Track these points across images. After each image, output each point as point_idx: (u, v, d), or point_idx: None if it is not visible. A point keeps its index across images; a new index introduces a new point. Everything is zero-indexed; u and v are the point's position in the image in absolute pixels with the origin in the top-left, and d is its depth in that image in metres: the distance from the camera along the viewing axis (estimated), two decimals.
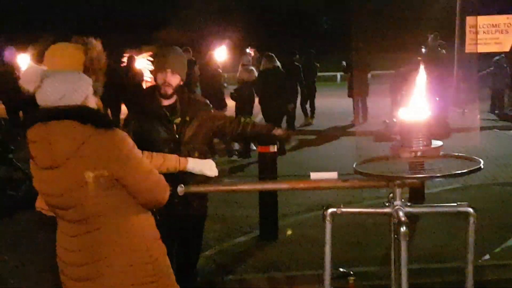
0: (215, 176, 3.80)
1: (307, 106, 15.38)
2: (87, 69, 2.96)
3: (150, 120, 3.95)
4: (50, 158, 2.69)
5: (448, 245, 5.72)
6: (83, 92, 2.77)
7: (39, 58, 3.40)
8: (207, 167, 3.67)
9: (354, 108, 14.68)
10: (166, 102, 3.99)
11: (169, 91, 3.92)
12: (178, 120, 3.96)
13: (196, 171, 3.62)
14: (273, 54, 11.54)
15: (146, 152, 3.28)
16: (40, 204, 3.43)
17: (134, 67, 14.46)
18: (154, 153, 3.41)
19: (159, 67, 3.97)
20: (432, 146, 3.20)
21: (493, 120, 14.41)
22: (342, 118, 15.44)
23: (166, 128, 3.94)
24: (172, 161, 3.49)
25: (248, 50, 13.27)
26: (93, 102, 2.83)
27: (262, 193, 6.18)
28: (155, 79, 4.01)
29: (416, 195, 6.96)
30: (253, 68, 11.86)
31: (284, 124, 13.55)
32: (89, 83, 2.81)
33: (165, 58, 3.98)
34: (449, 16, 20.15)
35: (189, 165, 3.58)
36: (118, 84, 13.05)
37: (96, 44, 3.10)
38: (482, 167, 3.20)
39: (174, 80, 3.93)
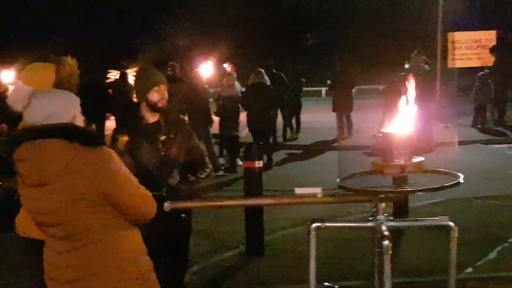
0: (202, 192, 3.86)
1: (293, 121, 15.49)
2: (57, 88, 2.99)
3: (137, 138, 4.01)
4: (38, 176, 2.72)
5: (432, 258, 5.78)
6: (72, 111, 2.82)
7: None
8: None
9: (338, 123, 14.78)
10: (151, 120, 4.06)
11: (166, 104, 4.08)
12: (163, 137, 4.03)
13: None
14: (261, 70, 11.63)
15: None
16: (19, 224, 3.43)
17: (127, 82, 14.53)
18: None
19: (154, 84, 4.06)
20: (414, 161, 3.28)
21: (476, 134, 14.58)
22: (328, 132, 15.54)
23: (152, 146, 4.00)
24: None
25: (225, 66, 13.33)
26: (81, 121, 2.87)
27: (248, 208, 6.21)
28: (145, 98, 4.06)
29: (400, 209, 7.03)
30: (235, 83, 11.94)
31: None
32: (77, 102, 2.86)
33: (157, 75, 4.13)
34: (432, 32, 20.40)
35: None
36: (104, 100, 13.10)
37: (69, 63, 3.13)
38: (461, 181, 3.28)
39: (166, 94, 4.10)
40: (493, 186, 9.25)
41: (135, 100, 4.33)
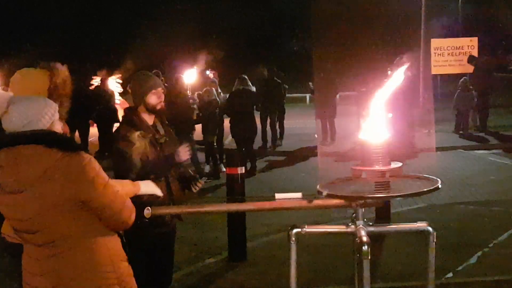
0: (183, 197, 3.89)
1: (277, 127, 15.50)
2: (52, 95, 3.00)
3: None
4: (17, 182, 2.72)
5: (412, 263, 5.82)
6: (49, 117, 2.81)
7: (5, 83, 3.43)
8: (156, 187, 3.71)
9: (321, 129, 14.82)
10: (150, 121, 4.16)
11: (164, 107, 4.18)
12: (163, 139, 4.13)
13: (148, 192, 3.66)
14: (245, 76, 11.65)
15: None
16: (6, 230, 3.42)
17: (108, 88, 14.49)
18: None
19: (151, 87, 4.14)
20: (392, 166, 3.30)
21: (458, 140, 14.70)
22: (311, 139, 15.59)
23: (154, 149, 4.05)
24: (128, 185, 3.52)
25: (208, 73, 13.34)
26: (59, 127, 2.87)
27: (230, 214, 6.22)
28: (144, 101, 4.12)
29: (382, 214, 7.09)
30: (210, 88, 11.95)
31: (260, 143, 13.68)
32: (55, 108, 2.86)
33: (153, 79, 4.22)
34: (415, 38, 20.59)
35: (142, 187, 3.61)
36: (88, 106, 13.05)
37: (62, 70, 3.14)
38: (440, 187, 3.30)
39: (163, 97, 4.19)
40: (474, 191, 9.34)
41: (117, 106, 4.40)
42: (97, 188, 2.78)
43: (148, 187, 3.65)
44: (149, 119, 4.17)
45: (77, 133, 12.99)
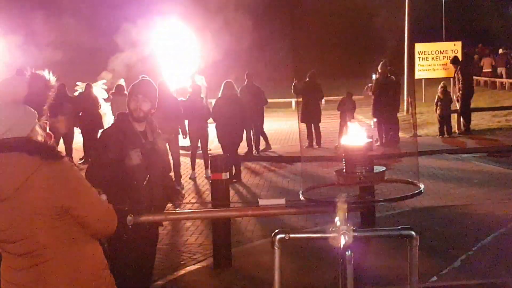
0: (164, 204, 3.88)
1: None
2: (29, 102, 2.95)
3: (125, 146, 4.04)
4: None
5: (397, 267, 5.83)
6: (29, 125, 2.79)
7: None
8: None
9: (307, 134, 14.85)
10: (138, 127, 4.15)
11: (140, 114, 4.13)
12: (149, 145, 4.15)
13: None
14: (231, 81, 11.64)
15: None
16: None
17: (92, 94, 14.42)
18: None
19: (131, 93, 4.19)
20: (375, 171, 3.31)
21: (442, 144, 14.79)
22: (297, 143, 15.61)
23: (135, 151, 4.03)
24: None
25: (196, 77, 13.30)
26: (39, 135, 2.84)
27: (215, 220, 6.19)
28: (129, 106, 4.17)
29: (367, 219, 7.10)
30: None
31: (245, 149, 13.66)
32: (34, 115, 2.83)
33: (138, 85, 4.24)
34: (399, 42, 20.74)
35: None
36: (71, 113, 12.96)
37: (42, 79, 3.11)
38: (423, 191, 3.31)
39: (145, 105, 4.14)
40: (458, 195, 9.39)
41: (101, 112, 4.43)
42: (79, 195, 2.76)
43: None
44: (139, 125, 4.16)
45: (61, 140, 12.91)
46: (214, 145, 13.29)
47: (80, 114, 13.94)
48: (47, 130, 2.96)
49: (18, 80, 3.08)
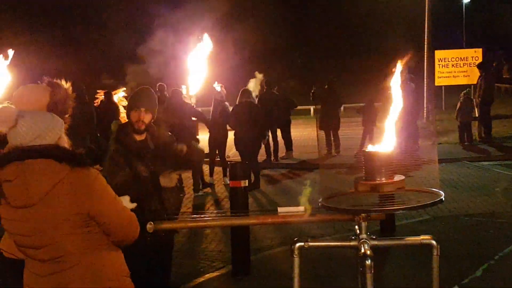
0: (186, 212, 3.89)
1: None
2: (51, 111, 3.00)
3: (126, 155, 4.06)
4: (26, 197, 2.70)
5: (417, 276, 5.78)
6: (57, 132, 2.82)
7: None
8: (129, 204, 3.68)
9: (326, 141, 14.82)
10: (138, 138, 4.17)
11: (142, 126, 4.16)
12: (151, 155, 4.14)
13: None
14: (248, 88, 11.67)
15: None
16: (4, 245, 3.42)
17: (113, 103, 14.51)
18: None
19: (133, 106, 4.20)
20: (396, 179, 3.29)
21: (462, 151, 14.65)
22: (315, 151, 15.56)
23: (141, 163, 4.04)
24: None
25: (215, 85, 13.31)
26: (65, 142, 2.88)
27: (234, 227, 6.19)
28: (129, 117, 4.21)
29: (386, 227, 7.06)
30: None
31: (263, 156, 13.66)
32: (61, 123, 2.87)
33: (139, 97, 4.24)
34: (419, 49, 20.62)
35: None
36: (93, 121, 13.04)
37: (63, 87, 3.15)
38: (443, 199, 3.29)
39: (147, 117, 4.17)
40: (479, 203, 9.29)
41: (121, 120, 4.44)
42: (105, 203, 2.80)
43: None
44: (139, 135, 4.17)
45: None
46: (232, 152, 13.30)
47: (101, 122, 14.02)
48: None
49: (40, 88, 3.12)
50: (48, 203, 2.69)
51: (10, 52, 7.76)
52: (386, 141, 3.39)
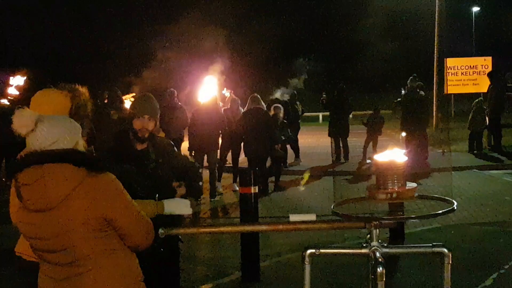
0: (195, 215, 3.89)
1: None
2: (72, 116, 3.04)
3: (126, 163, 4.04)
4: (44, 201, 2.72)
5: (427, 284, 5.77)
6: (75, 137, 2.86)
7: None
8: (182, 206, 3.72)
9: (335, 148, 14.82)
10: (139, 147, 4.12)
11: (146, 134, 4.09)
12: (152, 165, 4.08)
13: (172, 212, 3.67)
14: (258, 95, 11.70)
15: None
16: (20, 249, 3.44)
17: (124, 108, 14.59)
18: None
19: (137, 114, 4.11)
20: (407, 187, 3.29)
21: (472, 160, 14.61)
22: (324, 158, 15.57)
23: (142, 172, 4.03)
24: (150, 205, 3.56)
25: (224, 92, 13.36)
26: (82, 146, 2.91)
27: (243, 234, 6.20)
28: (131, 125, 4.11)
29: (396, 235, 7.04)
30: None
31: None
32: (79, 128, 2.91)
33: (143, 105, 4.15)
34: (428, 58, 20.60)
35: (166, 207, 3.64)
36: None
37: (82, 92, 3.19)
38: (455, 208, 3.29)
39: (150, 125, 4.11)
40: (489, 212, 9.26)
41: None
42: (122, 207, 2.82)
43: (172, 207, 3.67)
44: (141, 144, 4.11)
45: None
46: (241, 158, 13.32)
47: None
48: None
49: (60, 93, 3.16)
50: (66, 207, 2.72)
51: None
52: (396, 149, 3.38)
